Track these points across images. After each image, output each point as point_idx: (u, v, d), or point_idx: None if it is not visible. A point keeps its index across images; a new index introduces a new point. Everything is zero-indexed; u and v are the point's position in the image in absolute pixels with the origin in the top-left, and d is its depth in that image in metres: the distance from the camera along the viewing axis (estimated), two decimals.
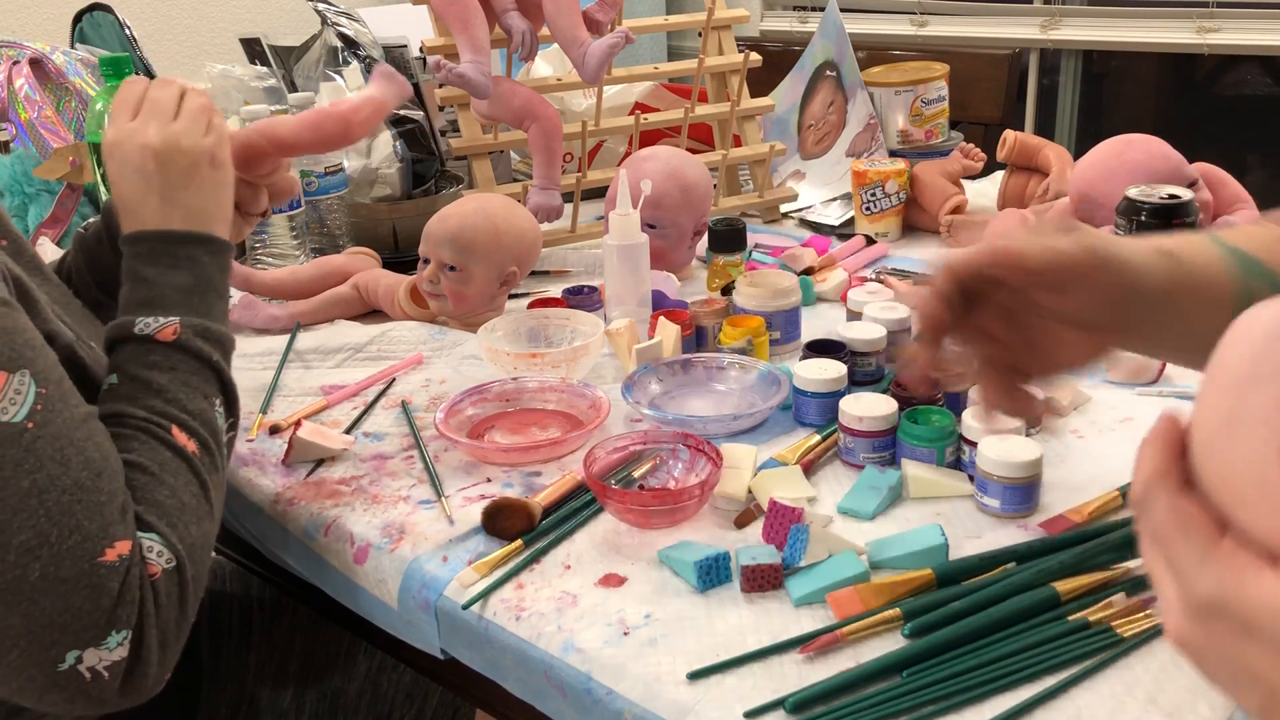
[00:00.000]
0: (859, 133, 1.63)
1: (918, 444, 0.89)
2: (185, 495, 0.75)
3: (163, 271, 0.81)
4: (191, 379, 0.79)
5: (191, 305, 0.81)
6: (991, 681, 0.67)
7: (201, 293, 0.82)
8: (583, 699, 0.71)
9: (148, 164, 0.83)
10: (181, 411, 0.77)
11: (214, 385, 0.81)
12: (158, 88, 0.87)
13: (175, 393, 0.78)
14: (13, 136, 1.53)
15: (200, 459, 0.77)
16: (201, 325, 0.81)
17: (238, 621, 1.12)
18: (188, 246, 0.83)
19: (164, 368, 0.78)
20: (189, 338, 0.80)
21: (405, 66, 1.57)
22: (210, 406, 0.80)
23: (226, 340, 0.83)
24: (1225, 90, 3.05)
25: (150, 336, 0.79)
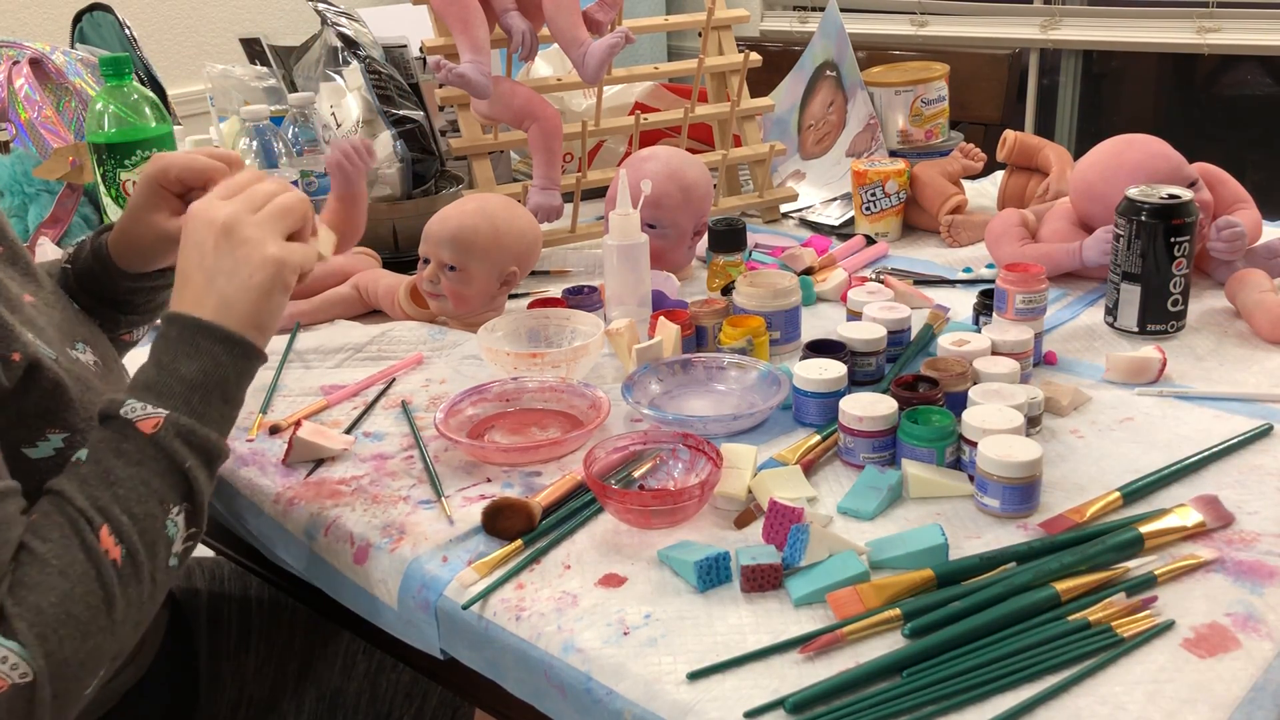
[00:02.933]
0: (859, 133, 1.63)
1: (918, 444, 0.89)
2: (77, 606, 0.68)
3: (175, 359, 0.77)
4: (154, 480, 0.73)
5: (190, 402, 0.76)
6: (991, 681, 0.67)
7: (206, 391, 0.77)
8: (583, 699, 0.71)
9: (207, 240, 0.79)
10: (124, 513, 0.72)
11: (178, 492, 0.74)
12: (270, 182, 0.84)
13: (128, 490, 0.72)
14: (13, 136, 1.53)
15: (120, 568, 0.71)
16: (189, 426, 0.75)
17: (237, 621, 1.12)
18: (210, 340, 0.77)
19: (132, 460, 0.73)
20: (169, 437, 0.74)
21: (405, 66, 1.57)
22: (162, 514, 0.73)
23: (213, 448, 0.76)
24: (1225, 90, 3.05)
25: (131, 423, 0.74)
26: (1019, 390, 0.92)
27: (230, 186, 0.83)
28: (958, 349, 1.00)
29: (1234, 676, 0.67)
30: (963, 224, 1.47)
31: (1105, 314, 1.18)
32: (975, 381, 0.97)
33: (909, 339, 1.12)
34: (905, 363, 1.09)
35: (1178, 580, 0.76)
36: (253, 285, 0.79)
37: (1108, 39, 2.80)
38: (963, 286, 1.33)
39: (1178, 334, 1.15)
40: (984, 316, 1.15)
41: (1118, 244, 1.14)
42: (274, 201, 0.82)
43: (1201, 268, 1.28)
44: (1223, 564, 0.77)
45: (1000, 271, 1.08)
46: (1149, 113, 3.19)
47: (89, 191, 1.52)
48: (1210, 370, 1.07)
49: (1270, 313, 1.13)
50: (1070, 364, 1.10)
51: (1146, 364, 1.04)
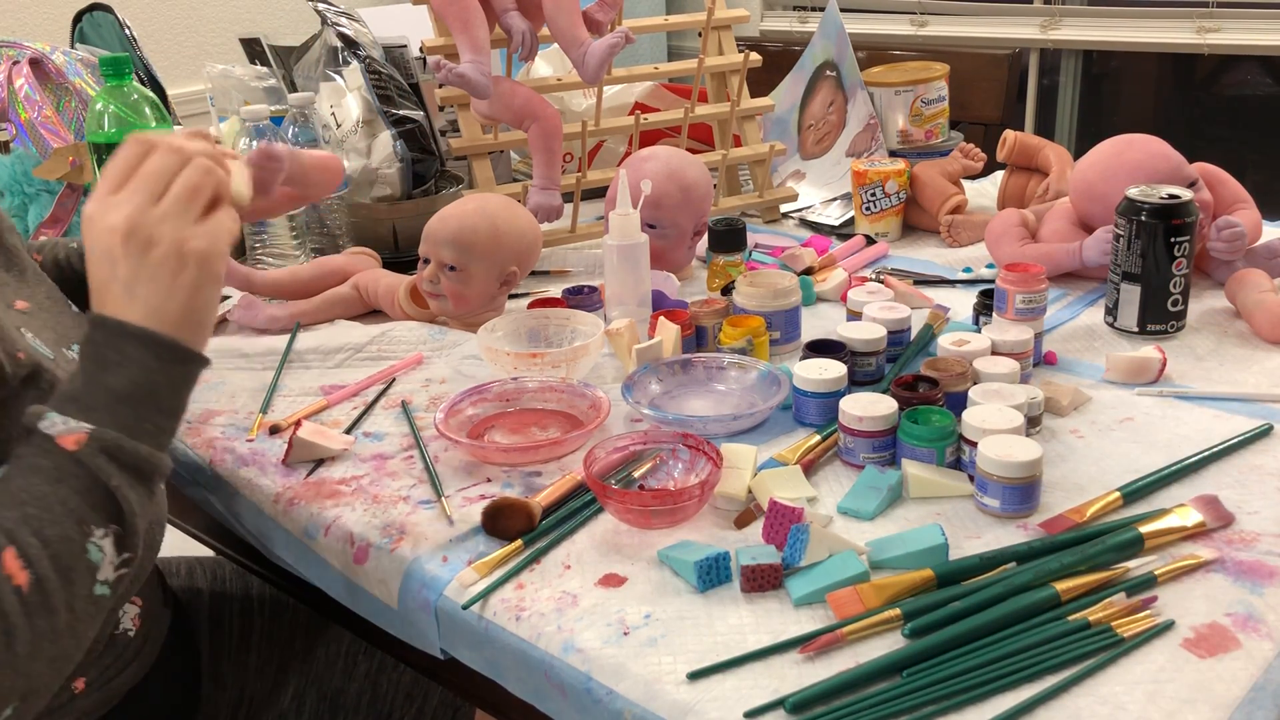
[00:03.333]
0: (859, 133, 1.63)
1: (918, 444, 0.89)
2: None
3: (100, 369, 0.69)
4: (72, 499, 0.66)
5: (117, 415, 0.69)
6: (991, 681, 0.67)
7: (135, 403, 0.69)
8: (583, 699, 0.71)
9: (113, 248, 0.70)
10: (33, 535, 0.64)
11: (102, 514, 0.67)
12: (160, 155, 0.73)
13: (41, 510, 0.65)
14: (13, 136, 1.53)
15: (25, 595, 0.63)
16: (115, 442, 0.68)
17: (238, 621, 1.13)
18: (138, 346, 0.70)
19: (49, 477, 0.66)
20: (91, 453, 0.67)
21: (405, 66, 1.57)
22: (81, 536, 0.66)
23: (147, 463, 0.69)
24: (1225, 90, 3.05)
25: (51, 438, 0.67)
26: (1019, 390, 0.92)
27: (116, 173, 0.72)
28: (958, 349, 1.00)
29: (1234, 676, 0.67)
30: (963, 224, 1.47)
31: (1105, 314, 1.18)
32: (975, 381, 0.97)
33: (909, 339, 1.12)
34: (905, 363, 1.09)
35: (1178, 580, 0.76)
36: (179, 286, 0.71)
37: (1108, 39, 2.80)
38: (963, 286, 1.33)
39: (1178, 334, 1.15)
40: (984, 316, 1.15)
41: (1118, 244, 1.14)
42: (176, 184, 0.72)
43: (1201, 268, 1.28)
44: (1223, 564, 0.77)
45: (1000, 271, 1.08)
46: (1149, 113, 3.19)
47: (89, 191, 1.52)
48: (1210, 370, 1.07)
49: (1270, 313, 1.13)
50: (1070, 364, 1.10)
51: (1146, 364, 1.04)
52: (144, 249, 0.71)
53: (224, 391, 1.11)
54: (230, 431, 1.03)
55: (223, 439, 1.02)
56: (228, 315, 1.26)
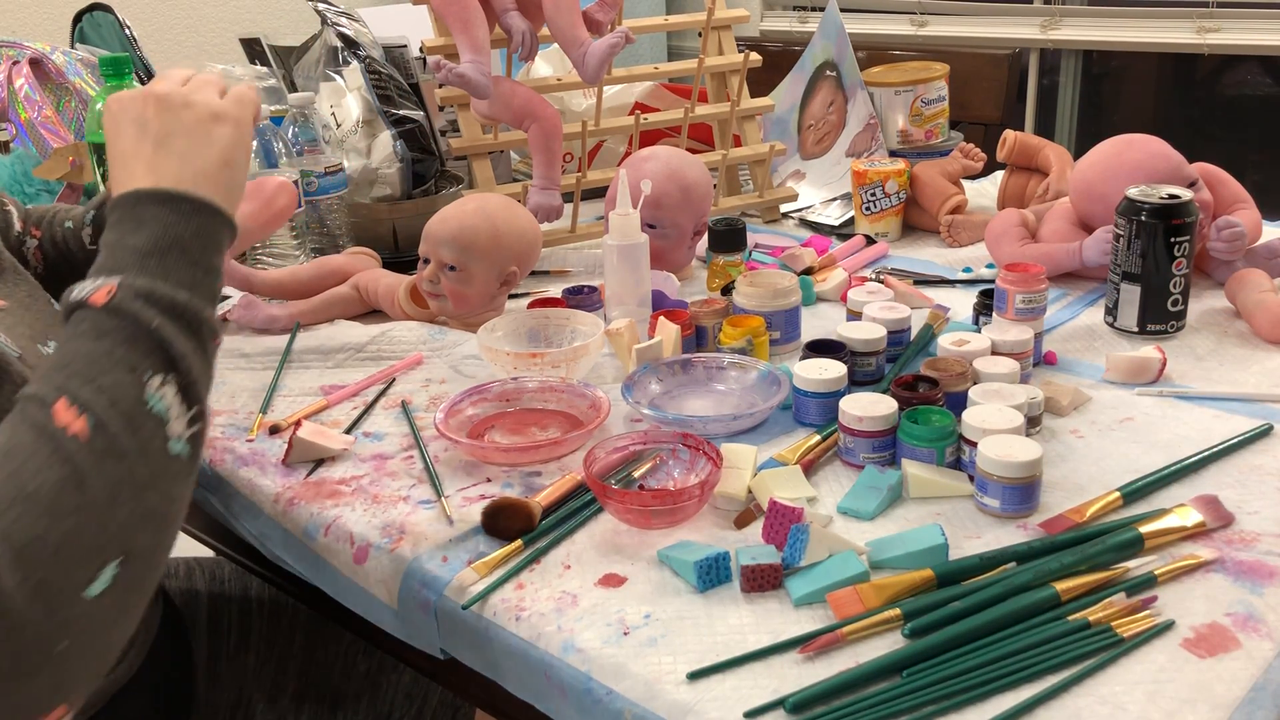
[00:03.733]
0: (859, 133, 1.63)
1: (918, 444, 0.89)
2: (33, 482, 0.58)
3: (123, 234, 0.68)
4: (119, 349, 0.63)
5: (144, 267, 0.66)
6: (991, 681, 0.67)
7: (160, 254, 0.67)
8: (583, 699, 0.71)
9: (144, 112, 0.73)
10: (84, 384, 0.61)
11: (152, 358, 0.64)
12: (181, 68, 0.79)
13: (87, 365, 0.62)
14: (13, 136, 1.53)
15: (85, 440, 0.60)
16: (147, 287, 0.65)
17: (237, 621, 1.13)
18: (155, 206, 0.69)
19: (89, 335, 0.63)
20: (125, 299, 0.64)
21: (405, 66, 1.57)
22: (134, 380, 0.62)
23: (185, 309, 0.66)
24: (1225, 90, 3.05)
25: (82, 303, 0.65)
26: (1019, 390, 0.92)
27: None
28: (958, 349, 1.00)
29: (1234, 676, 0.67)
30: (963, 224, 1.47)
31: (1105, 314, 1.18)
32: (975, 381, 0.97)
33: (909, 339, 1.12)
34: (905, 363, 1.09)
35: (1178, 580, 0.76)
36: (214, 140, 0.73)
37: (1108, 39, 2.80)
38: (963, 286, 1.33)
39: (1178, 334, 1.15)
40: (984, 316, 1.15)
41: (1118, 244, 1.14)
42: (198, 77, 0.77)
43: (1201, 268, 1.28)
44: (1223, 564, 0.77)
45: (1000, 271, 1.08)
46: (1149, 113, 3.19)
47: (89, 191, 1.51)
48: (1210, 370, 1.07)
49: (1270, 313, 1.13)
50: (1070, 364, 1.10)
51: (1146, 364, 1.04)
52: (179, 109, 0.74)
53: (224, 391, 1.11)
54: (230, 431, 1.03)
55: (223, 439, 1.02)
56: (227, 315, 1.26)
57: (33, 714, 0.56)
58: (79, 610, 0.57)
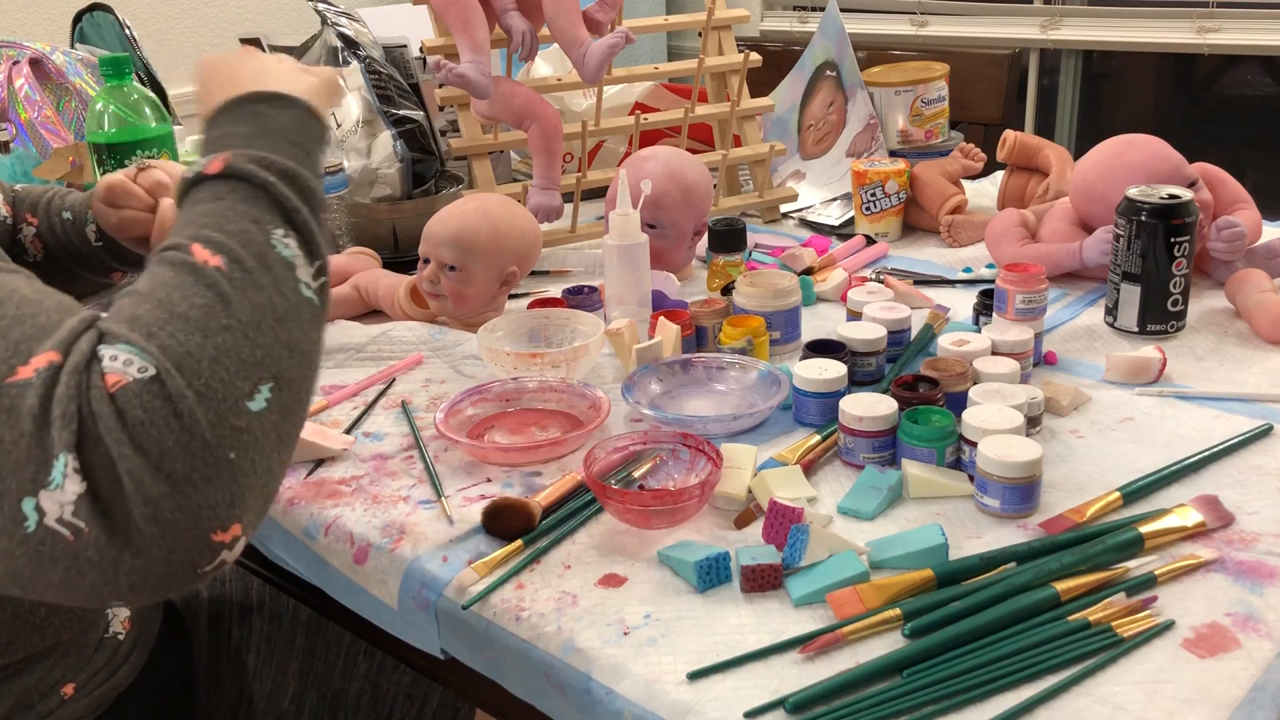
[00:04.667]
0: (859, 133, 1.63)
1: (918, 444, 0.89)
2: (182, 305, 0.61)
3: (224, 129, 0.71)
4: (241, 205, 0.66)
5: (252, 144, 0.69)
6: (991, 681, 0.67)
7: (265, 136, 0.70)
8: (583, 699, 0.71)
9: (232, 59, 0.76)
10: (214, 231, 0.64)
11: (273, 213, 0.66)
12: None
13: (213, 218, 0.65)
14: (13, 136, 1.53)
15: (225, 272, 0.63)
16: (259, 155, 0.68)
17: (238, 622, 1.12)
18: (253, 104, 0.72)
19: (209, 199, 0.66)
20: (239, 164, 0.67)
21: (405, 66, 1.57)
22: (259, 230, 0.65)
23: (295, 173, 0.68)
24: (1225, 90, 3.05)
25: (198, 175, 0.67)
26: (1019, 390, 0.92)
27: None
28: (958, 349, 1.00)
29: (1234, 676, 0.67)
30: (963, 224, 1.47)
31: (1105, 314, 1.18)
32: (975, 381, 0.97)
33: (909, 339, 1.12)
34: (905, 363, 1.09)
35: (1178, 580, 0.76)
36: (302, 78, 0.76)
37: (1108, 39, 2.80)
38: (963, 286, 1.33)
39: (1178, 334, 1.15)
40: (984, 316, 1.15)
41: (1118, 244, 1.14)
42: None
43: (1201, 268, 1.28)
44: (1223, 564, 0.77)
45: (1000, 271, 1.08)
46: (1149, 113, 3.19)
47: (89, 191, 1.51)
48: (1210, 370, 1.07)
49: (1270, 313, 1.13)
50: (1070, 364, 1.10)
51: (1146, 364, 1.04)
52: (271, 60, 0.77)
53: None
54: None
55: None
56: None
57: (213, 524, 0.58)
58: (244, 421, 0.59)
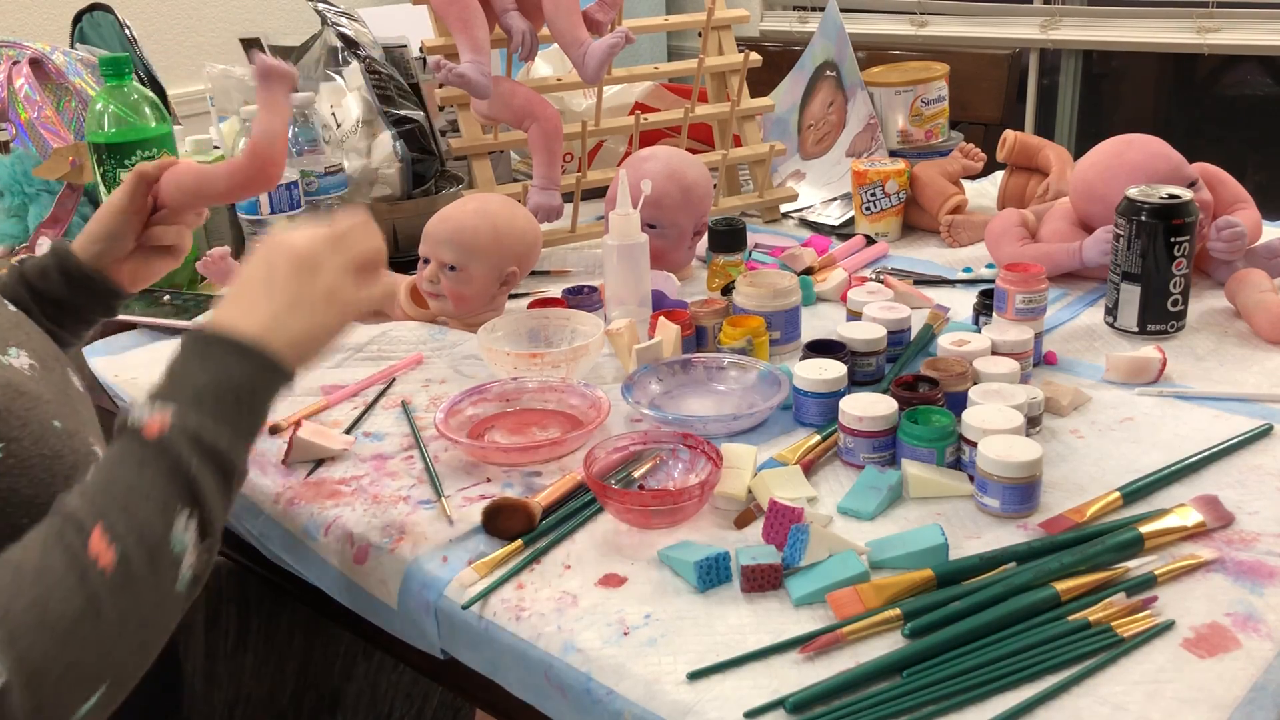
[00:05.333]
0: (859, 133, 1.63)
1: (918, 444, 0.89)
2: (55, 610, 0.61)
3: (192, 366, 0.72)
4: (158, 484, 0.67)
5: (200, 405, 0.70)
6: (991, 681, 0.67)
7: (219, 396, 0.71)
8: (583, 699, 0.71)
9: (281, 264, 0.77)
10: (120, 513, 0.65)
11: (182, 499, 0.68)
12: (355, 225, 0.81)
13: (128, 494, 0.67)
14: (13, 136, 1.53)
15: (110, 575, 0.64)
16: (195, 428, 0.69)
17: (235, 621, 1.12)
18: (230, 349, 0.73)
19: (133, 464, 0.68)
20: (174, 437, 0.68)
21: (405, 66, 1.57)
22: (163, 520, 0.67)
23: (223, 457, 0.70)
24: (1225, 90, 3.05)
25: (137, 430, 0.69)
26: (1019, 390, 0.92)
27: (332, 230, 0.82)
28: (958, 349, 1.00)
29: (1234, 676, 0.67)
30: (963, 224, 1.47)
31: (1105, 314, 1.18)
32: (975, 381, 0.97)
33: (909, 339, 1.12)
34: (905, 363, 1.09)
35: (1178, 580, 0.76)
36: (315, 313, 0.77)
37: (1108, 39, 2.80)
38: (963, 286, 1.33)
39: (1178, 334, 1.15)
40: (984, 316, 1.15)
41: (1118, 244, 1.14)
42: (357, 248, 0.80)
43: (1201, 268, 1.28)
44: (1223, 564, 0.77)
45: (1000, 271, 1.08)
46: (1149, 113, 3.19)
47: (89, 191, 1.51)
48: (1210, 370, 1.07)
49: (1270, 313, 1.13)
50: (1070, 364, 1.10)
51: (1146, 364, 1.04)
52: (307, 272, 0.77)
53: None
54: None
55: None
56: None
57: None
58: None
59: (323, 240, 0.79)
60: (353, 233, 0.81)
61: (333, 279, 0.78)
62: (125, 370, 1.16)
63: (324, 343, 0.79)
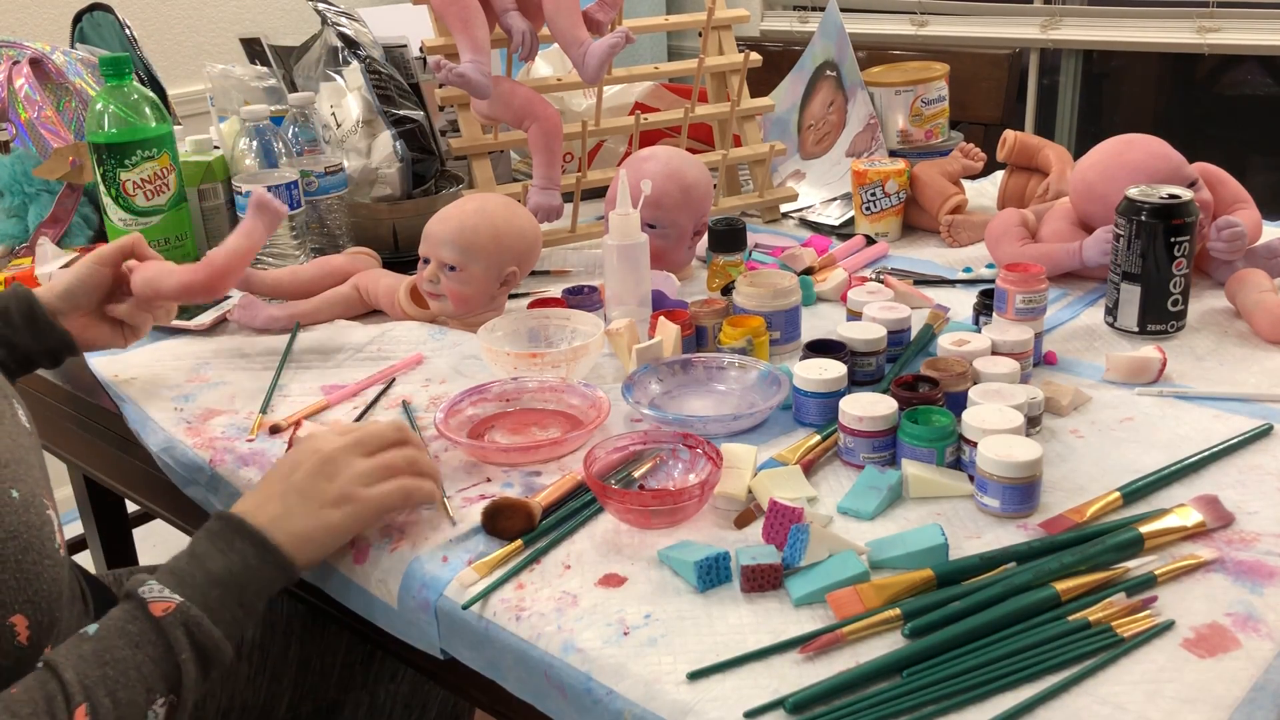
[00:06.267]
0: (859, 133, 1.63)
1: (918, 444, 0.89)
2: None
3: (208, 552, 0.78)
4: (147, 666, 0.73)
5: (207, 596, 0.76)
6: (991, 681, 0.67)
7: (224, 589, 0.77)
8: (583, 699, 0.71)
9: (304, 462, 0.83)
10: (107, 695, 0.71)
11: (166, 683, 0.74)
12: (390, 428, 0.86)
13: (119, 673, 0.72)
14: (13, 136, 1.53)
15: None
16: (196, 619, 0.75)
17: None
18: (247, 543, 0.79)
19: (132, 641, 0.73)
20: (173, 624, 0.74)
21: (405, 66, 1.57)
22: (145, 703, 0.73)
23: (214, 649, 0.76)
24: (1225, 90, 3.05)
25: (145, 603, 0.75)
26: (1019, 390, 0.92)
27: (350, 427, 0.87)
28: (958, 349, 1.00)
29: (1234, 676, 0.67)
30: (963, 224, 1.47)
31: (1105, 314, 1.18)
32: (975, 381, 0.97)
33: (909, 339, 1.12)
34: (905, 363, 1.09)
35: (1178, 580, 0.76)
36: (323, 516, 0.81)
37: (1108, 39, 2.80)
38: (963, 286, 1.33)
39: (1178, 334, 1.15)
40: (984, 316, 1.15)
41: (1118, 244, 1.14)
42: (387, 454, 0.85)
43: (1201, 268, 1.28)
44: (1223, 564, 0.77)
45: (1000, 271, 1.08)
46: (1149, 113, 3.19)
47: (89, 191, 1.51)
48: (1210, 370, 1.07)
49: (1270, 313, 1.13)
50: (1070, 364, 1.10)
51: (1146, 364, 1.04)
52: (324, 476, 0.82)
53: (224, 391, 1.11)
54: (230, 431, 1.03)
55: (223, 439, 1.02)
56: (228, 315, 1.26)
57: None
58: None
59: (347, 445, 0.84)
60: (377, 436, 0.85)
61: (347, 483, 0.82)
62: (125, 370, 1.16)
63: (332, 542, 0.83)
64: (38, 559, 0.75)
